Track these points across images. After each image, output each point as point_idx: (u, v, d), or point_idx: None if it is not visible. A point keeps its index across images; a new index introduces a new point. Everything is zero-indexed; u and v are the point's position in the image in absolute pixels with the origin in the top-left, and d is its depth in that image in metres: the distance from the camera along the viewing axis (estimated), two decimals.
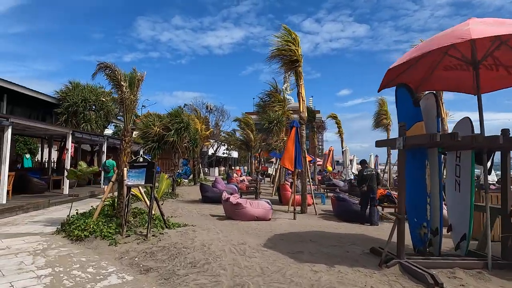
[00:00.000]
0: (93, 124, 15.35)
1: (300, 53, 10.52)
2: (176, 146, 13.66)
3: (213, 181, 14.86)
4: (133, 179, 6.37)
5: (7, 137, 10.02)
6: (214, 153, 39.46)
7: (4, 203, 9.78)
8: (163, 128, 13.43)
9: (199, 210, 10.46)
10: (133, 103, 7.27)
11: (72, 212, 8.41)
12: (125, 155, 7.10)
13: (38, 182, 12.81)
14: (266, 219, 8.32)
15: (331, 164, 21.90)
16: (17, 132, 13.54)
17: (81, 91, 15.36)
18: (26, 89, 13.11)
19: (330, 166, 21.92)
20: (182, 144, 13.83)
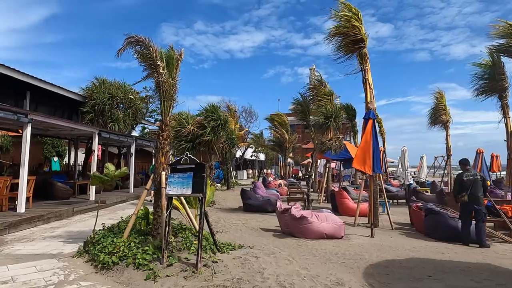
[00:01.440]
0: (121, 123, 14.07)
1: (364, 31, 8.66)
2: (212, 146, 12.09)
3: (252, 186, 13.17)
4: (175, 187, 4.74)
5: (26, 136, 8.74)
6: (242, 155, 37.93)
7: (22, 212, 8.48)
8: (198, 126, 11.89)
9: (245, 221, 8.77)
10: (172, 88, 5.67)
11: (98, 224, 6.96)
12: (163, 155, 5.50)
13: (62, 187, 11.58)
14: (337, 236, 6.50)
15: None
16: (40, 132, 12.41)
17: (108, 88, 14.13)
18: (50, 85, 11.95)
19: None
20: (218, 144, 12.25)
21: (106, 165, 5.89)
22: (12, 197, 8.85)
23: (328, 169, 14.14)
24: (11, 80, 10.86)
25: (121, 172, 5.94)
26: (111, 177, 5.85)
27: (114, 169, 5.90)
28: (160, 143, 5.54)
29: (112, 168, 5.86)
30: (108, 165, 5.88)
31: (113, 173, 5.84)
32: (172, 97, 5.67)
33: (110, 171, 5.82)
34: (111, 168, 5.83)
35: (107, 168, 5.85)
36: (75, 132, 12.56)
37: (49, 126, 11.22)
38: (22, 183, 8.61)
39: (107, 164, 5.89)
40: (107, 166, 5.85)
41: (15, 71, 10.30)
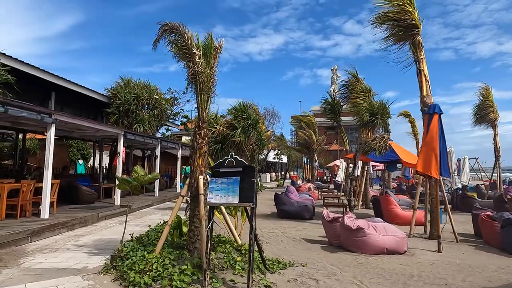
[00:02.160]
0: (146, 125, 13.55)
1: (417, 17, 7.65)
2: (243, 148, 11.31)
3: (284, 191, 12.30)
4: (219, 194, 3.95)
5: (50, 137, 8.25)
6: (265, 157, 37.10)
7: (46, 217, 7.98)
8: (227, 126, 11.13)
9: (283, 230, 7.92)
10: (210, 80, 4.92)
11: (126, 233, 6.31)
12: (200, 156, 4.74)
13: (87, 191, 11.11)
14: (400, 251, 5.54)
15: None
16: (65, 134, 12.03)
17: (133, 88, 13.67)
18: (75, 85, 11.56)
19: None
20: (248, 145, 11.46)
21: (135, 168, 5.20)
22: (36, 201, 8.37)
23: (367, 172, 13.08)
24: (37, 81, 10.50)
25: (152, 177, 5.23)
26: (140, 182, 5.15)
27: (144, 173, 5.19)
28: (197, 143, 4.78)
29: (141, 172, 5.16)
30: (137, 168, 5.18)
31: (143, 178, 5.14)
32: (209, 90, 4.91)
33: (139, 175, 5.12)
34: (140, 172, 5.13)
35: (136, 172, 5.15)
36: (100, 133, 12.12)
37: (74, 128, 10.78)
38: (46, 187, 8.11)
39: (136, 168, 5.20)
40: (136, 169, 5.16)
41: (40, 71, 9.92)
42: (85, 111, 13.88)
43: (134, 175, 5.13)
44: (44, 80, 10.48)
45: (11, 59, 8.72)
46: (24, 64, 9.29)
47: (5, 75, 7.29)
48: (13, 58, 8.84)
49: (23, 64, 9.25)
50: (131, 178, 5.19)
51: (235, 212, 5.64)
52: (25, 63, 9.29)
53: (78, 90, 11.88)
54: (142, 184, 5.21)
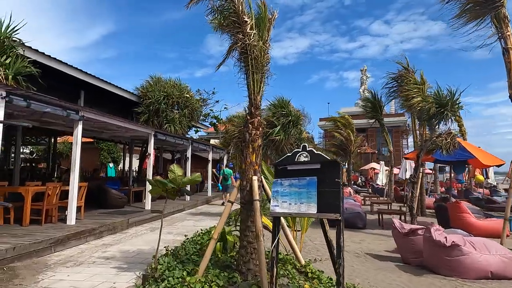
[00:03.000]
0: (177, 125, 12.79)
1: None
2: (282, 148, 10.25)
3: None
4: (287, 201, 2.89)
5: (77, 136, 7.56)
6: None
7: (73, 224, 7.26)
8: (265, 123, 10.08)
9: None
10: (264, 55, 3.90)
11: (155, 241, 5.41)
12: (254, 151, 3.72)
13: (116, 195, 10.44)
14: (509, 276, 4.24)
15: (481, 172, 16.28)
16: (94, 134, 11.46)
17: (163, 86, 12.98)
18: (105, 83, 10.99)
19: (480, 174, 16.40)
20: (288, 144, 10.38)
21: (171, 167, 4.25)
22: (64, 206, 7.68)
23: (423, 174, 11.60)
24: (65, 78, 9.97)
25: (193, 179, 4.26)
26: (177, 184, 4.20)
27: (182, 174, 4.24)
28: (249, 134, 3.77)
29: (179, 172, 4.21)
30: (174, 167, 4.24)
31: (181, 179, 4.18)
32: (263, 68, 3.89)
33: (177, 176, 4.17)
34: (178, 172, 4.18)
35: (172, 171, 4.21)
36: (130, 133, 11.46)
37: (102, 127, 10.15)
38: (73, 191, 7.41)
39: (173, 167, 4.25)
40: (173, 169, 4.21)
41: (68, 66, 9.35)
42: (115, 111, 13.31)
43: (170, 175, 4.19)
44: (73, 78, 9.93)
45: (37, 53, 8.16)
46: (52, 59, 8.73)
47: (28, 67, 6.65)
48: (40, 52, 8.28)
49: (50, 59, 8.70)
50: (166, 180, 4.25)
51: (293, 221, 4.57)
52: (52, 58, 8.72)
53: (108, 89, 11.30)
54: (180, 187, 4.26)
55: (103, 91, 11.39)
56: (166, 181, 4.21)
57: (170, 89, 12.92)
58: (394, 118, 49.54)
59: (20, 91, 5.99)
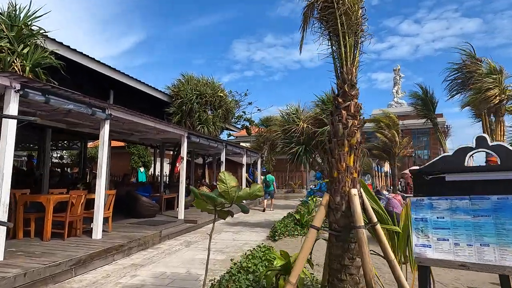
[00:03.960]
0: (210, 126, 11.76)
1: None
2: None
3: (385, 204, 9.55)
4: (447, 238, 1.58)
5: (104, 136, 6.63)
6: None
7: (98, 238, 6.29)
8: (313, 122, 8.83)
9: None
10: (357, 10, 2.63)
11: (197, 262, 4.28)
12: (352, 150, 2.45)
13: (147, 203, 9.50)
14: None
15: None
16: (123, 136, 10.64)
17: (195, 84, 12.02)
18: (135, 82, 10.14)
19: None
20: None
21: (221, 176, 3.06)
22: (90, 216, 6.75)
23: None
24: (93, 76, 9.18)
25: (252, 193, 3.06)
26: (230, 199, 3.01)
27: (236, 185, 3.05)
28: (343, 125, 2.53)
29: (232, 182, 3.02)
30: (225, 175, 3.05)
31: (235, 193, 2.99)
32: (357, 27, 2.63)
33: (229, 188, 2.98)
34: (230, 183, 2.99)
35: (223, 182, 3.02)
36: (161, 136, 10.55)
37: (132, 128, 9.27)
38: (100, 200, 6.45)
39: (224, 175, 3.06)
40: (224, 177, 3.02)
41: (96, 62, 8.54)
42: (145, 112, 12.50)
43: (220, 187, 3.01)
44: (101, 76, 9.12)
45: (61, 46, 7.35)
46: (77, 53, 7.92)
47: (49, 57, 5.78)
48: (64, 45, 7.47)
49: (75, 53, 7.89)
50: (215, 194, 3.07)
51: (400, 242, 3.24)
52: (78, 52, 7.91)
53: (139, 87, 10.45)
54: (233, 202, 3.07)
55: (133, 90, 10.55)
56: (215, 195, 3.03)
57: (202, 87, 11.93)
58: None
59: (38, 84, 5.09)
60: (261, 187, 3.12)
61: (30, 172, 14.98)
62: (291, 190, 24.43)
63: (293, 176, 25.80)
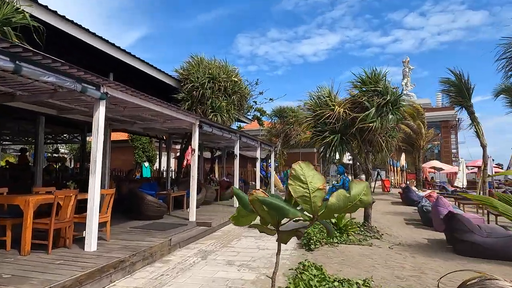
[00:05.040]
0: (224, 114, 10.34)
1: None
2: (376, 140, 7.47)
3: (433, 203, 8.17)
4: None
5: (98, 122, 5.22)
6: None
7: (92, 250, 4.93)
8: (350, 106, 7.38)
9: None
10: None
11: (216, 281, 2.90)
12: None
13: (154, 203, 8.14)
14: None
15: None
16: (123, 126, 9.24)
17: (207, 67, 10.57)
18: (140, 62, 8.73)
19: None
20: (383, 135, 7.58)
21: (295, 168, 1.63)
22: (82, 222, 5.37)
23: None
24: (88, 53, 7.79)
25: (351, 199, 1.62)
26: (315, 210, 1.57)
27: (322, 186, 1.60)
28: None
29: (316, 181, 1.58)
30: (302, 167, 1.60)
31: (321, 201, 1.55)
32: None
33: (313, 190, 1.54)
34: (314, 181, 1.56)
35: (299, 178, 1.59)
36: (168, 125, 9.15)
37: (135, 116, 7.89)
38: (93, 202, 5.07)
39: (299, 167, 1.62)
40: (300, 170, 1.59)
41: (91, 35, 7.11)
42: None
43: (295, 188, 1.57)
44: (98, 53, 7.72)
45: (46, 11, 5.92)
46: (68, 22, 6.49)
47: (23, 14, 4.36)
48: (51, 10, 6.04)
49: (65, 22, 6.47)
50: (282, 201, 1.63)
51: None
52: (69, 21, 6.48)
53: (143, 69, 9.03)
54: (317, 218, 1.64)
55: (136, 72, 9.14)
56: (285, 205, 1.60)
57: (216, 70, 10.48)
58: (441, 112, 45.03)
59: (3, 44, 3.68)
60: (367, 187, 1.69)
61: (25, 167, 13.70)
62: None
63: None
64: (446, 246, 6.38)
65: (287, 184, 1.60)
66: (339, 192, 1.58)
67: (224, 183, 14.54)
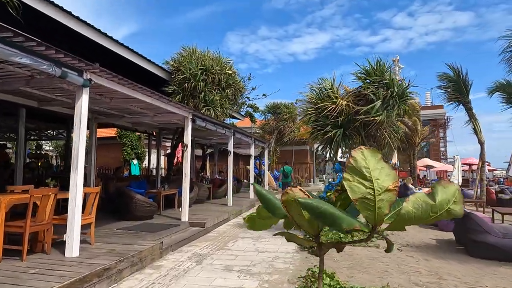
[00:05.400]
0: (218, 108, 9.82)
1: None
2: (381, 135, 7.07)
3: None
4: None
5: (80, 112, 4.65)
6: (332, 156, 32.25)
7: (74, 257, 4.38)
8: (354, 99, 6.96)
9: None
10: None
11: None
12: None
13: (143, 202, 7.58)
14: None
15: None
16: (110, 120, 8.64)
17: (199, 58, 10.01)
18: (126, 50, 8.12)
19: None
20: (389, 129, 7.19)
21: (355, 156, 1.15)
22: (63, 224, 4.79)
23: None
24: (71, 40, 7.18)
25: (437, 207, 1.14)
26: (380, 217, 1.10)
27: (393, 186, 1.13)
28: None
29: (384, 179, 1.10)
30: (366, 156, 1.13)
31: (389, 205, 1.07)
32: None
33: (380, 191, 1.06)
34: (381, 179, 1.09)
35: (360, 172, 1.11)
36: (159, 118, 8.58)
37: (123, 108, 7.31)
38: (75, 202, 4.51)
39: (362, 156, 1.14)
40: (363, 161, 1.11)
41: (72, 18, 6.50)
42: None
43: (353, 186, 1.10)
44: (83, 39, 7.10)
45: None
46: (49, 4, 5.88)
47: None
48: None
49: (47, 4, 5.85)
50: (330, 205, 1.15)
51: None
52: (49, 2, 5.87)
53: (131, 59, 8.44)
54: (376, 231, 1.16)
55: (123, 63, 8.53)
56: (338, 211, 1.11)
57: (209, 62, 9.92)
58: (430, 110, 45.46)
59: None
60: (459, 192, 1.23)
61: (5, 164, 12.91)
62: (298, 183, 22.64)
63: (299, 168, 24.00)
64: (456, 247, 6.03)
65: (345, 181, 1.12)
66: (419, 197, 1.13)
67: (217, 181, 14.02)
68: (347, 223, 1.14)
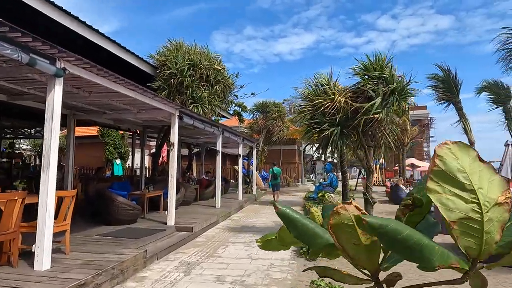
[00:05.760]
0: (206, 105, 9.32)
1: None
2: (381, 133, 6.75)
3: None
4: None
5: (52, 105, 4.10)
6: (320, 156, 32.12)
7: (45, 270, 3.83)
8: (352, 96, 6.62)
9: None
10: None
11: None
12: None
13: (126, 205, 7.02)
14: None
15: None
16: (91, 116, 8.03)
17: (187, 53, 9.48)
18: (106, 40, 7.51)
19: None
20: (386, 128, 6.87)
21: (441, 150, 0.72)
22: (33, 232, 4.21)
23: None
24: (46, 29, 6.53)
25: None
26: (488, 249, 0.68)
27: (505, 192, 0.70)
28: None
29: (492, 187, 0.67)
30: (457, 154, 0.69)
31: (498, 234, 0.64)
32: None
33: (487, 202, 0.66)
34: (484, 186, 0.65)
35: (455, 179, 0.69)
36: (143, 115, 8.03)
37: (104, 104, 6.74)
38: (46, 207, 3.96)
39: (453, 154, 0.71)
40: (457, 160, 0.70)
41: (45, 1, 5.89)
42: None
43: (441, 200, 0.67)
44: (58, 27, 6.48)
45: None
46: None
47: None
48: None
49: None
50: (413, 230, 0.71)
51: None
52: None
53: (113, 51, 7.83)
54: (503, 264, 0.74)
55: (103, 55, 7.92)
56: (428, 240, 0.68)
57: (196, 56, 9.41)
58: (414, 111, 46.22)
59: None
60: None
61: None
62: (286, 183, 22.27)
63: (287, 168, 23.66)
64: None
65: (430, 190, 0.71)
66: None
67: (204, 181, 13.49)
68: (439, 258, 0.74)
